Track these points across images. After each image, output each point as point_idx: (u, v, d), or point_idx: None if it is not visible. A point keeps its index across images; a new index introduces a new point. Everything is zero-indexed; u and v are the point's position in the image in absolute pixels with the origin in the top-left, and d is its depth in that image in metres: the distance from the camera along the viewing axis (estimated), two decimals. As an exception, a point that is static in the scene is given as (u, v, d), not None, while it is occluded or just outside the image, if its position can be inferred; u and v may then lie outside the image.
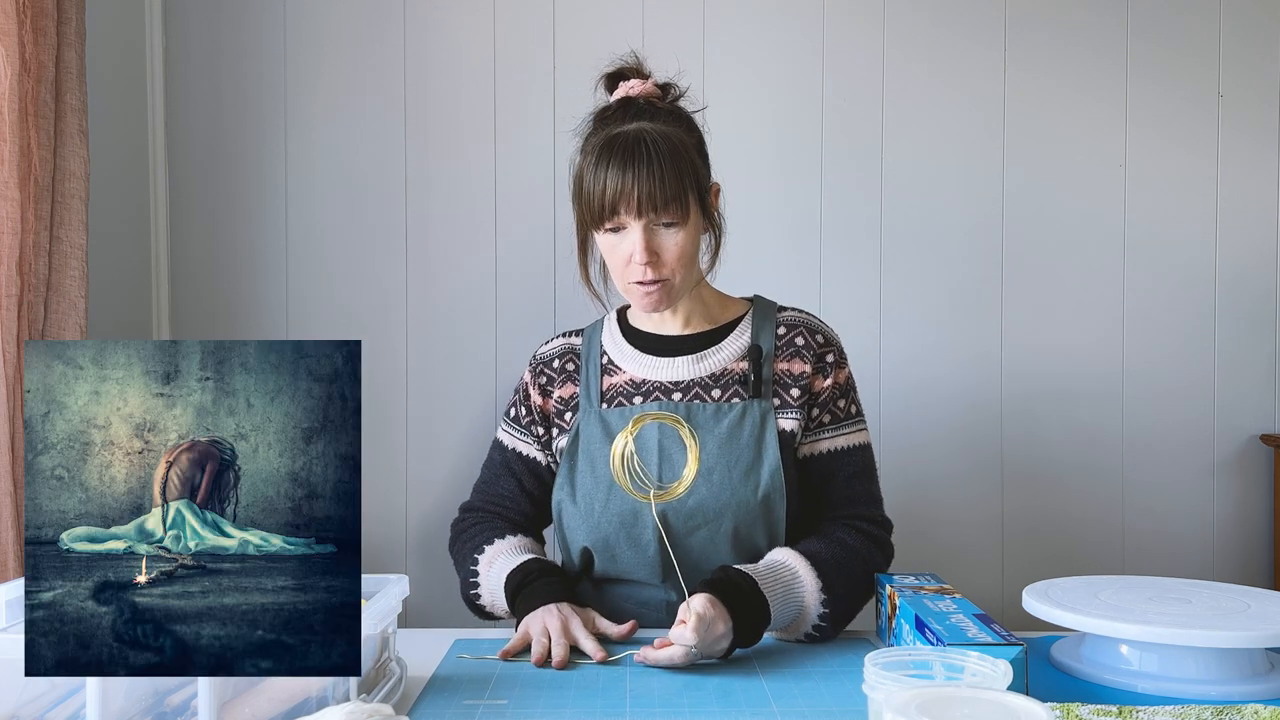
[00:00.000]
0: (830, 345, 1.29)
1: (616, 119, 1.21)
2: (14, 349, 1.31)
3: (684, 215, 1.18)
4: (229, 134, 1.85)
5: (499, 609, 1.24)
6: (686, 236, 1.19)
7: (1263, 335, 1.91)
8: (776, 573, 1.13)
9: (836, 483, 1.26)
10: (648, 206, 1.15)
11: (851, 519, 1.23)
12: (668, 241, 1.18)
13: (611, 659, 1.07)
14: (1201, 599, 1.05)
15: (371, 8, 1.85)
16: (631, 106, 1.23)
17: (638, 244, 1.17)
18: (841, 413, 1.27)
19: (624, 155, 1.15)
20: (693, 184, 1.18)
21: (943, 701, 0.66)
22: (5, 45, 1.29)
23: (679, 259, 1.19)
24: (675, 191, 1.15)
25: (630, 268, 1.20)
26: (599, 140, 1.19)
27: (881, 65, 1.87)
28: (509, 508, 1.32)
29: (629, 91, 1.24)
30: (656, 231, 1.18)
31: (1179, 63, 1.88)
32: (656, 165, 1.14)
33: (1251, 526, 1.92)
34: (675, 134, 1.19)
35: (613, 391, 1.28)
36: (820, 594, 1.13)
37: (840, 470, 1.26)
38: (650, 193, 1.14)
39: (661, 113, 1.22)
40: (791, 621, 1.14)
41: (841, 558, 1.17)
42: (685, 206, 1.17)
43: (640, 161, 1.14)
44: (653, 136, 1.16)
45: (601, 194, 1.16)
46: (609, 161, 1.16)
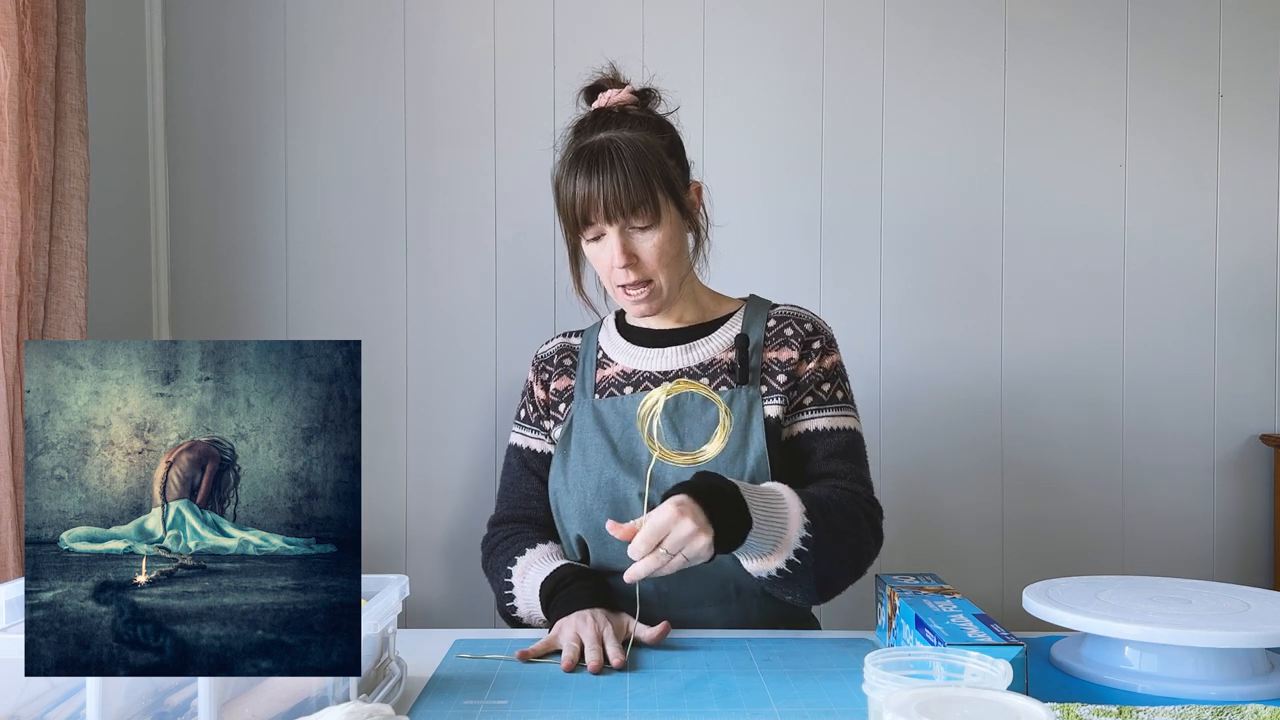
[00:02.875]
0: (818, 333, 1.30)
1: (587, 130, 1.25)
2: (14, 349, 1.31)
3: (655, 217, 1.21)
4: (229, 134, 1.85)
5: (535, 619, 1.23)
6: (663, 237, 1.22)
7: (1263, 335, 1.91)
8: (760, 489, 1.10)
9: (815, 459, 1.25)
10: (615, 212, 1.19)
11: (838, 485, 1.21)
12: (644, 244, 1.22)
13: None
14: (1201, 599, 1.05)
15: (371, 8, 1.85)
16: (602, 116, 1.26)
17: (614, 248, 1.21)
18: (825, 396, 1.27)
19: (589, 164, 1.19)
20: (663, 185, 1.21)
21: (943, 701, 0.66)
22: (5, 45, 1.29)
23: (658, 260, 1.23)
24: (642, 195, 1.19)
25: (614, 272, 1.23)
26: (569, 152, 1.23)
27: (881, 65, 1.87)
28: (536, 507, 1.33)
29: (604, 102, 1.27)
30: (632, 235, 1.22)
31: (1179, 63, 1.88)
32: (620, 171, 1.18)
33: (1251, 526, 1.92)
34: (641, 138, 1.21)
35: (605, 383, 1.31)
36: (804, 518, 1.08)
37: (819, 447, 1.25)
38: (616, 197, 1.18)
39: (631, 119, 1.25)
40: (773, 545, 1.08)
41: (828, 502, 1.13)
42: (655, 208, 1.20)
43: (604, 169, 1.18)
44: (617, 144, 1.19)
45: (572, 203, 1.21)
46: (576, 171, 1.20)
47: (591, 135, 1.23)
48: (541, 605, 1.19)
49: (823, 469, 1.24)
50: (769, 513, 1.08)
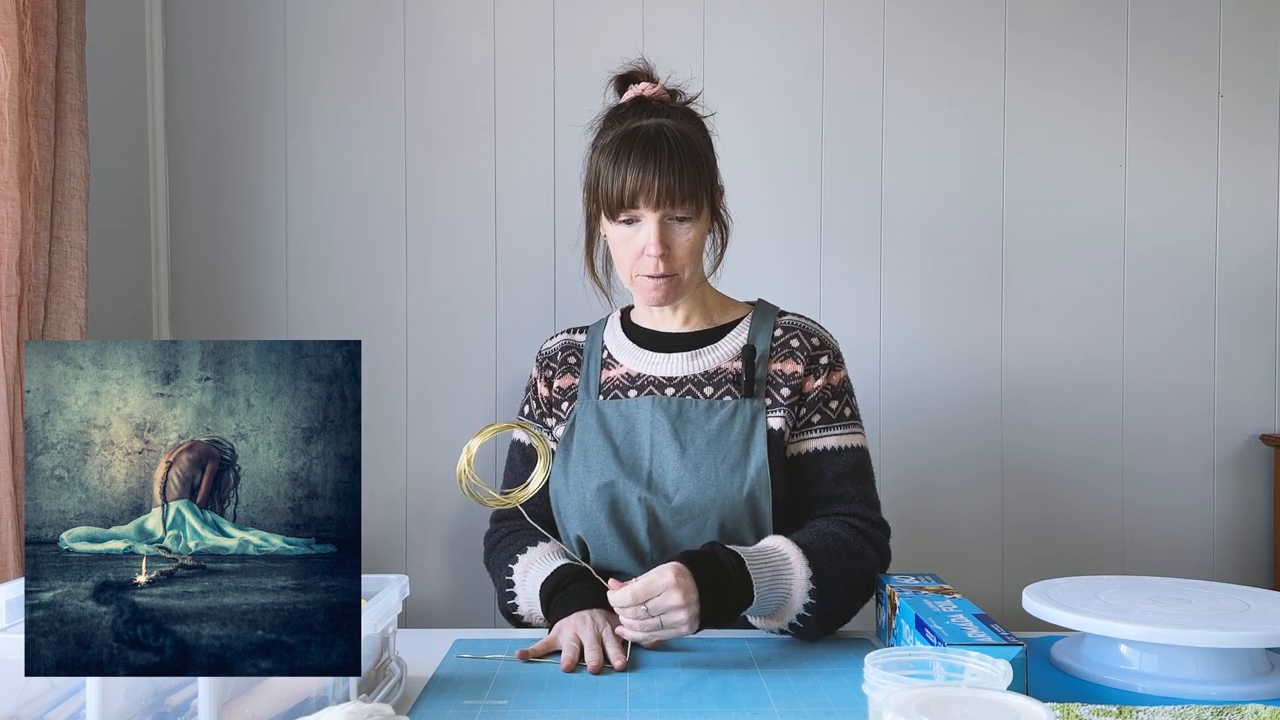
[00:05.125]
0: (825, 348, 1.29)
1: (633, 116, 1.24)
2: (14, 349, 1.31)
3: (698, 211, 1.22)
4: (229, 134, 1.85)
5: (536, 618, 1.23)
6: (698, 233, 1.23)
7: (1263, 335, 1.91)
8: (766, 555, 1.11)
9: (825, 481, 1.25)
10: (665, 200, 1.19)
11: (844, 516, 1.22)
12: (680, 236, 1.22)
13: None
14: (1201, 599, 1.05)
15: (371, 8, 1.85)
16: (646, 105, 1.26)
17: (651, 236, 1.20)
18: (833, 414, 1.27)
19: (644, 148, 1.19)
20: (707, 182, 1.23)
21: (943, 701, 0.66)
22: (5, 45, 1.29)
23: (689, 254, 1.23)
24: (693, 188, 1.19)
25: (641, 260, 1.23)
26: (618, 133, 1.22)
27: (882, 65, 1.87)
28: (537, 502, 1.33)
29: (641, 92, 1.27)
30: (670, 226, 1.22)
31: (1179, 63, 1.88)
32: (677, 160, 1.18)
33: (1251, 526, 1.92)
34: (692, 132, 1.23)
35: (610, 384, 1.31)
36: (809, 583, 1.10)
37: (828, 469, 1.25)
38: (670, 186, 1.18)
39: (677, 112, 1.26)
40: (776, 609, 1.11)
41: (835, 551, 1.14)
42: (699, 203, 1.21)
43: (661, 155, 1.18)
44: (672, 132, 1.20)
45: (621, 186, 1.19)
46: (630, 154, 1.19)
47: (640, 120, 1.22)
48: (541, 605, 1.19)
49: (832, 492, 1.24)
50: (773, 583, 1.10)
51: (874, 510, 1.26)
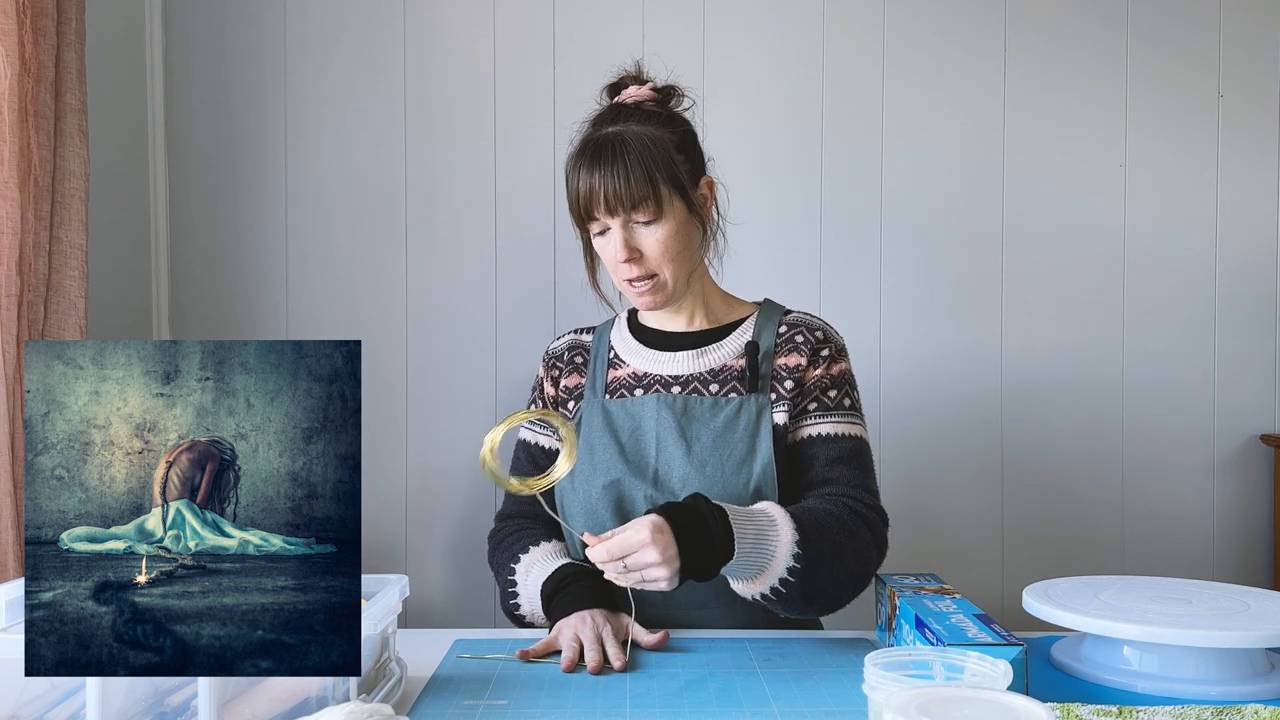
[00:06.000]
0: (828, 341, 1.29)
1: (600, 124, 1.25)
2: (14, 349, 1.31)
3: (658, 211, 1.20)
4: (229, 134, 1.85)
5: (538, 618, 1.22)
6: (667, 231, 1.21)
7: (1263, 335, 1.91)
8: (752, 514, 1.08)
9: (818, 465, 1.22)
10: (617, 205, 1.19)
11: (838, 496, 1.19)
12: (647, 239, 1.22)
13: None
14: (1201, 599, 1.05)
15: (372, 9, 1.85)
16: (617, 111, 1.25)
17: (616, 243, 1.21)
18: (831, 402, 1.26)
19: (593, 158, 1.20)
20: (667, 179, 1.21)
21: (943, 701, 0.66)
22: (5, 45, 1.29)
23: (662, 254, 1.22)
24: (644, 190, 1.18)
25: (618, 267, 1.23)
26: (578, 145, 1.23)
27: (882, 65, 1.87)
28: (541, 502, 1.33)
29: (624, 98, 1.27)
30: (635, 230, 1.22)
31: (1179, 63, 1.88)
32: (622, 165, 1.18)
33: (1251, 526, 1.92)
34: (649, 132, 1.21)
35: (616, 383, 1.31)
36: (794, 547, 1.06)
37: (822, 453, 1.23)
38: (617, 192, 1.18)
39: (644, 114, 1.25)
40: (758, 572, 1.07)
41: (825, 523, 1.11)
42: (658, 203, 1.20)
43: (607, 162, 1.18)
44: (623, 137, 1.19)
45: (577, 197, 1.21)
46: (582, 165, 1.20)
47: (602, 129, 1.23)
48: (542, 605, 1.19)
49: (824, 475, 1.21)
50: (757, 541, 1.06)
51: (871, 496, 1.22)
